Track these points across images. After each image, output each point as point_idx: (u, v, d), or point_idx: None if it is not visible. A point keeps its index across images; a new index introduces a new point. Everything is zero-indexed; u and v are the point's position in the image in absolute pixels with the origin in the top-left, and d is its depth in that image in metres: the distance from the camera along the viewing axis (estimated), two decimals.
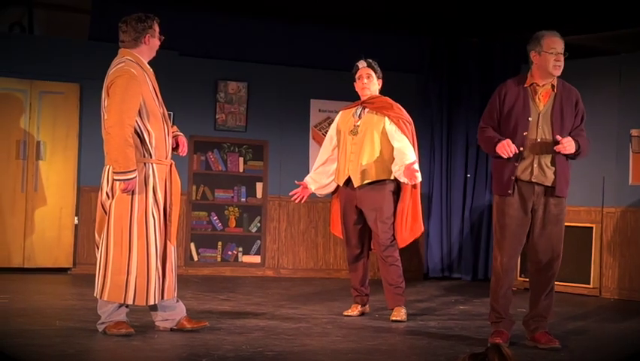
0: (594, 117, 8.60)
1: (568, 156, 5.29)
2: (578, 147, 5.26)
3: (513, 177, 5.27)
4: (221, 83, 9.52)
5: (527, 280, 8.84)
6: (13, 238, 8.70)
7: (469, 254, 10.00)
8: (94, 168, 6.32)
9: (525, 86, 5.34)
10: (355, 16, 9.41)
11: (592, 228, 8.48)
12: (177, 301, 5.36)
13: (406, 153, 6.16)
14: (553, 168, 5.26)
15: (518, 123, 5.27)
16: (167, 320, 5.33)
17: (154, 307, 5.29)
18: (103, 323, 5.16)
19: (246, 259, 9.58)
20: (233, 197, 9.58)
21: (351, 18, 9.47)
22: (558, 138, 5.20)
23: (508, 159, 5.26)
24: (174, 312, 5.33)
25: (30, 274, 8.52)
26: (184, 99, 9.16)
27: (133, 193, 5.07)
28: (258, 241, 9.62)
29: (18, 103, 8.77)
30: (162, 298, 5.19)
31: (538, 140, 5.26)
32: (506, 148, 5.21)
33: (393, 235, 6.31)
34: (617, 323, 6.84)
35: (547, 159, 5.28)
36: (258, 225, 9.63)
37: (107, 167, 5.15)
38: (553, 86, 5.33)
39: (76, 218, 8.92)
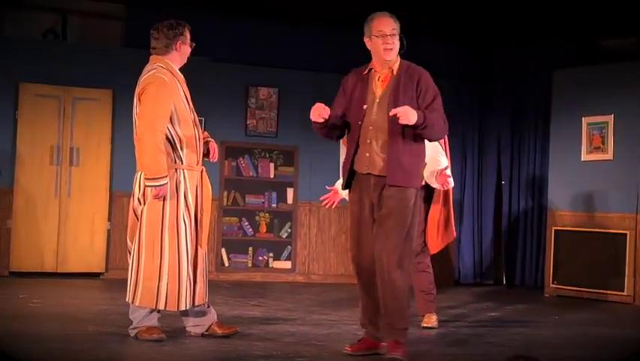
0: (628, 121, 8.53)
1: (414, 128, 4.68)
2: (424, 119, 4.68)
3: (348, 170, 4.91)
4: (252, 88, 9.55)
5: (560, 286, 8.90)
6: (47, 242, 8.77)
7: (501, 260, 9.94)
8: (126, 174, 6.36)
9: (364, 73, 4.99)
10: None
11: (626, 234, 8.38)
12: (208, 306, 5.37)
13: (437, 158, 6.13)
14: (384, 156, 4.80)
15: (355, 113, 4.91)
16: (198, 325, 5.34)
17: (185, 313, 5.31)
18: (135, 327, 5.19)
19: (277, 264, 9.59)
20: (264, 202, 9.59)
21: None
22: (393, 111, 4.66)
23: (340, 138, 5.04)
24: (205, 318, 5.34)
25: (63, 278, 8.58)
26: (215, 105, 9.19)
27: (164, 199, 5.09)
28: (289, 247, 9.62)
29: (52, 109, 8.85)
30: (193, 303, 5.20)
31: (371, 128, 4.84)
32: (314, 112, 4.84)
33: (425, 242, 6.28)
34: None
35: (378, 147, 4.82)
36: (289, 230, 9.63)
37: (139, 173, 5.18)
38: (392, 70, 4.95)
39: (108, 223, 8.98)
